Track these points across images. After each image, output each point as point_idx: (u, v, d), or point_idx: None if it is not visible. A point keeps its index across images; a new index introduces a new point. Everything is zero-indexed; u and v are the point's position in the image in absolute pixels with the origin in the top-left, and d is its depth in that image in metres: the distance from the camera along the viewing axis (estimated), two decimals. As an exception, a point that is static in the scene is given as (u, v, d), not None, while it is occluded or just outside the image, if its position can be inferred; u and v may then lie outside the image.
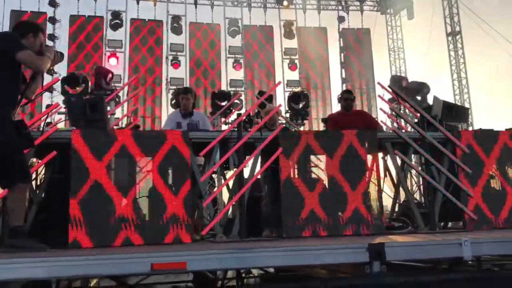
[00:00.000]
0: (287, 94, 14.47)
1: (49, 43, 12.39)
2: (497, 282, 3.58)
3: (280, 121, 10.82)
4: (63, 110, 7.02)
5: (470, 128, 10.95)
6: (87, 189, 4.32)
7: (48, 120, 7.11)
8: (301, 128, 12.31)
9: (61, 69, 12.38)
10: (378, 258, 3.32)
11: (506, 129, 5.78)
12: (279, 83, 10.57)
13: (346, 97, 6.66)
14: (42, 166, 4.85)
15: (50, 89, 12.09)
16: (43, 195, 4.82)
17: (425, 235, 4.53)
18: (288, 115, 12.99)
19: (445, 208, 5.29)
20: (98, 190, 4.35)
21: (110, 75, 8.12)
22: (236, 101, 13.03)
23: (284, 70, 15.09)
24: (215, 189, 6.29)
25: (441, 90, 14.72)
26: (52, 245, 3.85)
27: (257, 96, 9.56)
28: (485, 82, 15.47)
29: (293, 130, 9.23)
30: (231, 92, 13.05)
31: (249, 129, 5.05)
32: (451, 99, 13.48)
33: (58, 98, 10.86)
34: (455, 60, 15.96)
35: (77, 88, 7.82)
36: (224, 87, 14.02)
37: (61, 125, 6.10)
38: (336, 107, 14.75)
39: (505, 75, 14.81)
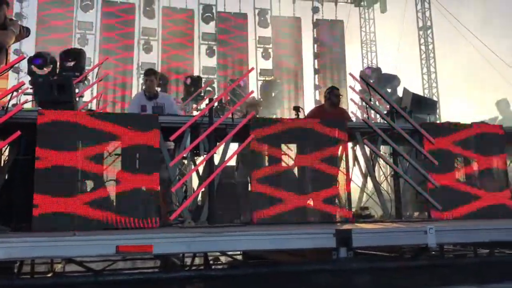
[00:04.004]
0: (260, 83, 14.46)
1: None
2: (459, 268, 3.68)
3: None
4: (29, 91, 6.81)
5: (438, 121, 11.16)
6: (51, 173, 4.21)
7: (14, 101, 6.88)
8: (273, 117, 12.33)
9: (29, 49, 12.04)
10: (345, 244, 3.36)
11: (473, 123, 5.92)
12: (252, 69, 10.50)
13: (338, 94, 6.71)
14: (6, 147, 4.69)
15: (16, 69, 11.75)
16: (6, 177, 4.68)
17: (391, 223, 4.61)
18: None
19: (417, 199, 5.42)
20: (62, 173, 4.25)
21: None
22: (208, 88, 12.95)
23: (257, 59, 15.05)
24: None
25: (411, 83, 14.95)
26: (14, 228, 3.76)
27: (229, 83, 9.50)
28: (452, 76, 15.80)
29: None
30: (203, 79, 12.93)
31: (221, 116, 5.01)
32: (420, 93, 13.70)
33: (25, 79, 10.54)
34: (426, 54, 16.24)
35: (45, 69, 7.56)
36: (196, 74, 13.86)
37: (28, 106, 5.92)
38: (308, 97, 14.95)
39: (472, 71, 15.16)
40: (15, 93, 5.12)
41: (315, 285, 3.48)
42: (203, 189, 5.06)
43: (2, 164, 4.85)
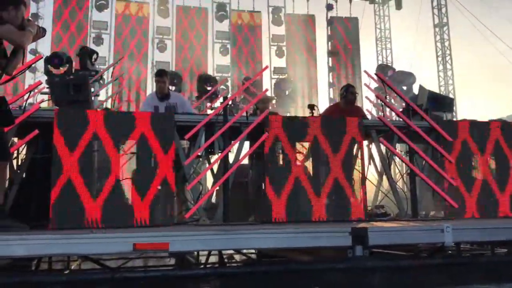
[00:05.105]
0: (273, 81, 14.44)
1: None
2: (476, 267, 3.64)
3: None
4: (46, 90, 6.90)
5: (454, 119, 11.05)
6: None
7: (31, 100, 6.97)
8: (287, 114, 12.32)
9: (45, 49, 12.16)
10: (361, 242, 3.34)
11: (489, 120, 5.86)
12: (266, 67, 10.48)
13: (354, 91, 6.69)
14: (24, 146, 4.76)
15: (33, 69, 11.88)
16: (24, 175, 4.74)
17: (407, 222, 4.57)
18: (274, 101, 12.98)
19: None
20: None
21: (95, 56, 7.96)
22: (222, 86, 12.96)
23: (271, 57, 15.03)
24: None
25: (427, 81, 14.79)
26: (32, 226, 3.80)
27: (242, 82, 9.50)
28: (469, 73, 15.61)
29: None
30: (217, 77, 12.95)
31: (234, 114, 5.02)
32: (436, 90, 13.57)
33: (41, 79, 10.67)
34: (441, 51, 16.06)
35: (61, 68, 7.65)
36: (210, 72, 13.89)
37: (44, 105, 6.00)
38: (323, 95, 14.89)
39: (489, 68, 14.96)
40: (32, 93, 5.20)
41: (331, 284, 3.47)
42: (217, 187, 5.08)
43: (19, 163, 4.91)
